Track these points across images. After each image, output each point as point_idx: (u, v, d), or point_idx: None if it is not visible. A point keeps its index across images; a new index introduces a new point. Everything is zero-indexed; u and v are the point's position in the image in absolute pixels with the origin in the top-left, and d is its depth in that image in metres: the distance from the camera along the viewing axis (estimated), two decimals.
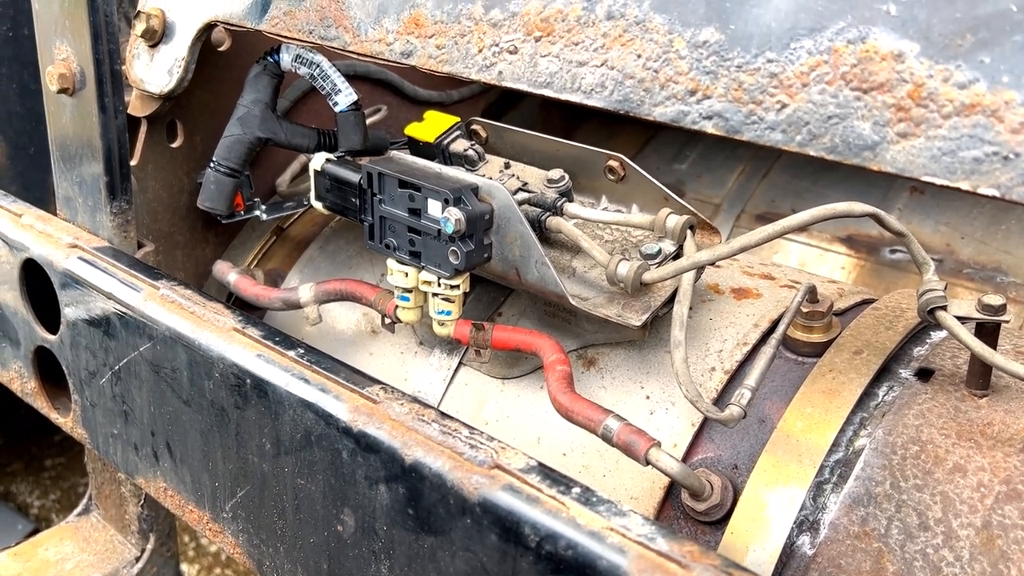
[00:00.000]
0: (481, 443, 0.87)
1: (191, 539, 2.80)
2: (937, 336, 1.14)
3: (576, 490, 0.80)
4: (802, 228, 0.98)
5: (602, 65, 0.89)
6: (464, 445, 0.87)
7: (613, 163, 1.20)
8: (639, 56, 0.87)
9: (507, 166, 1.26)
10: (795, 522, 0.98)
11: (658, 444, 0.97)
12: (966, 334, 0.96)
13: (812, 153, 0.77)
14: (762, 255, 1.88)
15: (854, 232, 1.89)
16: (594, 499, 0.79)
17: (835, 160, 0.76)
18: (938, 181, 0.71)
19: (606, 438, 1.00)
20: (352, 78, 1.56)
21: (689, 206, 1.15)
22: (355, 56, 1.13)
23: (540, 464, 0.85)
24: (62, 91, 1.22)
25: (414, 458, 0.88)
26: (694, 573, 0.70)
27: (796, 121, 0.78)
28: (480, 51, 0.99)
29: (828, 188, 1.99)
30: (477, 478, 0.83)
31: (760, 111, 0.80)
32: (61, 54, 1.21)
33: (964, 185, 0.70)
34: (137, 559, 1.48)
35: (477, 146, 1.27)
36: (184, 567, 2.71)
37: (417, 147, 1.29)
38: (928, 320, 1.00)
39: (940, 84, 0.72)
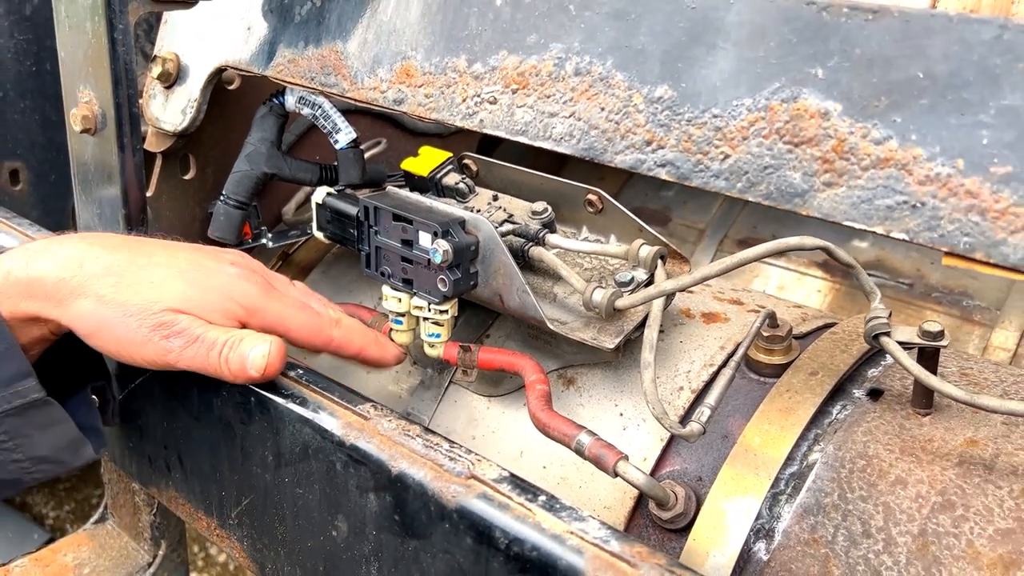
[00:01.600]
0: (459, 455, 0.95)
1: (200, 549, 2.88)
2: (890, 359, 1.22)
3: (542, 498, 0.89)
4: (757, 260, 1.07)
5: (570, 116, 0.98)
6: (444, 457, 0.95)
7: (592, 197, 1.29)
8: (603, 109, 0.96)
9: (495, 198, 1.34)
10: (752, 530, 1.05)
11: (625, 457, 1.05)
12: (905, 358, 1.04)
13: (751, 199, 0.86)
14: (743, 279, 1.97)
15: (828, 258, 1.97)
16: (557, 506, 0.87)
17: (770, 205, 0.85)
18: (857, 225, 0.80)
19: (579, 452, 1.08)
20: (354, 112, 1.65)
21: (661, 237, 1.24)
22: (353, 101, 1.23)
23: (511, 475, 0.93)
24: (85, 131, 1.31)
25: (399, 469, 0.95)
26: (641, 571, 0.79)
27: (737, 170, 0.87)
28: (464, 100, 1.08)
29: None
30: (455, 487, 0.91)
31: (707, 160, 0.89)
32: (84, 97, 1.31)
33: (879, 229, 0.79)
34: (149, 564, 1.56)
35: (468, 179, 1.34)
36: None
37: (412, 180, 1.35)
38: (873, 345, 1.09)
39: (859, 140, 0.81)
